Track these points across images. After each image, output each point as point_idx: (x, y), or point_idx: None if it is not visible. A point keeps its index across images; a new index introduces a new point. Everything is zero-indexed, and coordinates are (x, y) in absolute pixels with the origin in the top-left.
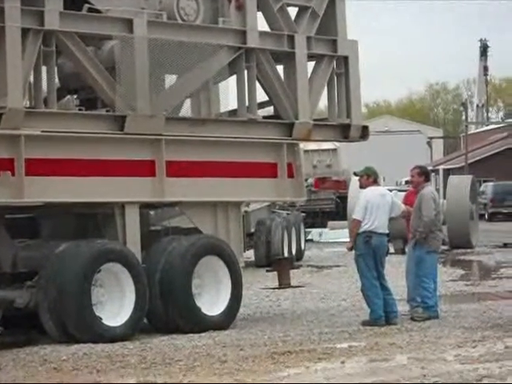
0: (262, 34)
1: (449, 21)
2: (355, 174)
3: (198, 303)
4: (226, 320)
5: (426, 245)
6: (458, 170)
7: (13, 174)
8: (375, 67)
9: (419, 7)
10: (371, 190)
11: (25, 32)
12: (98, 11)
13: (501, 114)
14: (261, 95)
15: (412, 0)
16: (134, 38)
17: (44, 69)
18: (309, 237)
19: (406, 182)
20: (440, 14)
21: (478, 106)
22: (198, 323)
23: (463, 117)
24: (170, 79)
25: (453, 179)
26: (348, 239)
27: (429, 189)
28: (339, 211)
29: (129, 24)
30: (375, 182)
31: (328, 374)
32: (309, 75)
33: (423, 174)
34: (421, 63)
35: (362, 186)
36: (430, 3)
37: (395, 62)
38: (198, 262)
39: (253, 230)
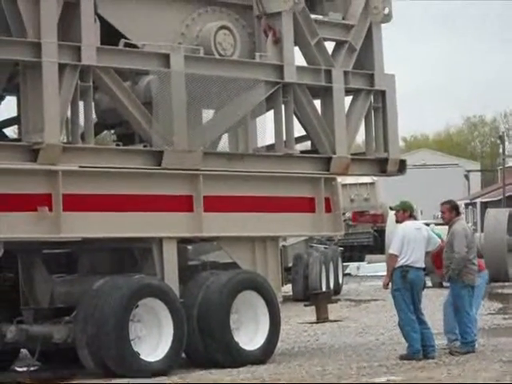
0: (300, 68)
1: (482, 52)
2: (391, 208)
3: (236, 338)
4: (264, 354)
5: (460, 280)
6: (496, 203)
7: (50, 210)
8: (412, 99)
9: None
10: (407, 225)
11: (62, 67)
12: (134, 46)
13: None
14: (298, 130)
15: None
16: (171, 73)
17: (81, 104)
18: (347, 271)
19: None
20: (474, 45)
21: None
22: (236, 358)
23: (500, 150)
24: (208, 114)
25: (490, 212)
26: (386, 273)
27: (460, 224)
28: (377, 245)
29: (166, 59)
30: (411, 217)
31: None
32: (346, 109)
33: (453, 208)
34: (458, 95)
35: (398, 221)
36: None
37: (432, 93)
38: (235, 296)
39: (291, 265)
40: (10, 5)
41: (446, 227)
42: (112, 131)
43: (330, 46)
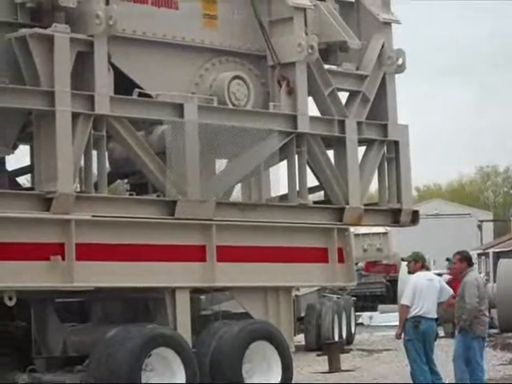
0: (313, 118)
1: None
2: (403, 259)
3: None
4: None
5: (471, 331)
6: (508, 254)
7: (63, 259)
8: (424, 148)
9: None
10: (419, 275)
11: (75, 116)
12: (148, 96)
13: None
14: (311, 180)
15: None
16: (185, 123)
17: (94, 153)
18: (359, 320)
19: None
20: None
21: None
22: None
23: None
24: (221, 164)
25: (503, 262)
26: (398, 323)
27: (472, 275)
28: (389, 295)
29: (179, 109)
30: (423, 267)
31: None
32: (359, 160)
33: (465, 259)
34: (471, 145)
35: (410, 272)
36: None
37: (445, 143)
38: (248, 346)
39: (303, 314)
40: (24, 54)
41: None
42: (125, 180)
43: (343, 96)
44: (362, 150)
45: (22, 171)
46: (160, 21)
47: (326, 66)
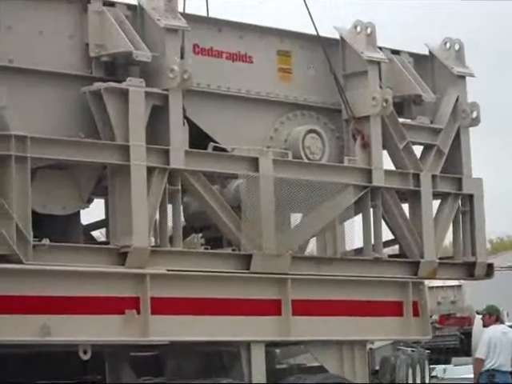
0: (388, 172)
1: None
2: (477, 312)
3: None
4: None
5: None
6: None
7: (138, 313)
8: (497, 201)
9: None
10: (493, 329)
11: (150, 170)
12: (223, 150)
13: None
14: (386, 233)
15: None
16: (260, 177)
17: (169, 207)
18: (433, 373)
19: None
20: None
21: None
22: None
23: None
24: (296, 218)
25: None
26: (472, 375)
27: None
28: (463, 347)
29: (254, 163)
30: (497, 320)
31: None
32: (434, 213)
33: None
34: None
35: (484, 325)
36: None
37: None
38: None
39: (377, 368)
40: (99, 107)
41: None
42: (200, 234)
43: (417, 150)
44: (436, 203)
45: (96, 225)
46: (235, 75)
47: (401, 120)
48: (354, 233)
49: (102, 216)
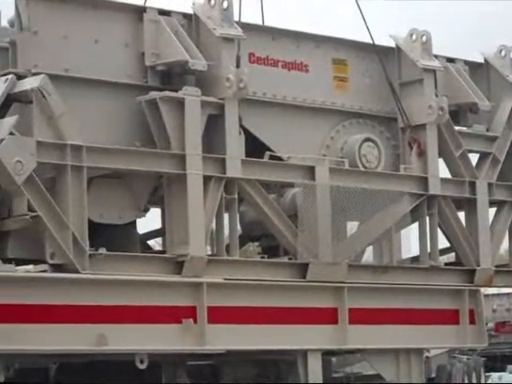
0: (444, 180)
1: None
2: None
3: None
4: None
5: None
6: None
7: (195, 322)
8: None
9: None
10: None
11: (207, 179)
12: (279, 158)
13: None
14: (442, 241)
15: None
16: (316, 186)
17: (226, 216)
18: (489, 381)
19: None
20: None
21: None
22: None
23: None
24: (352, 226)
25: None
26: None
27: None
28: None
29: (311, 171)
30: None
31: None
32: (490, 221)
33: None
34: None
35: None
36: None
37: None
38: None
39: (433, 375)
40: (154, 116)
41: None
42: (256, 243)
43: (473, 158)
44: (492, 211)
45: (152, 234)
46: (290, 83)
47: (457, 128)
48: (410, 241)
49: (158, 225)
